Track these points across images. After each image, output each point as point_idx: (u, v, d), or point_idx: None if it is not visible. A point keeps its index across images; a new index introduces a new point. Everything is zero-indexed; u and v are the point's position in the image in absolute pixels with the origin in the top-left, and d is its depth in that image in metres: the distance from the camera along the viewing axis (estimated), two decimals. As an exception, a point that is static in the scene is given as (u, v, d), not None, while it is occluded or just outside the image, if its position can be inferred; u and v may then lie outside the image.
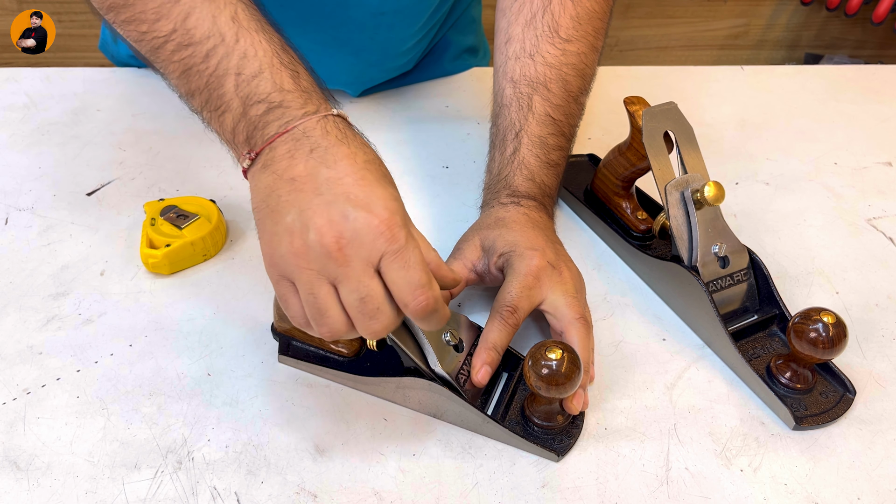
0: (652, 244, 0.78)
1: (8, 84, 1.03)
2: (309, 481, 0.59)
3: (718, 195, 0.68)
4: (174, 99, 1.01)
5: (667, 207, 0.70)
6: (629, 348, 0.70)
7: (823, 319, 0.60)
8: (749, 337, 0.70)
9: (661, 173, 0.71)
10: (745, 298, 0.71)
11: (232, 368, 0.68)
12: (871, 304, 0.75)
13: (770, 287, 0.70)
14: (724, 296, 0.70)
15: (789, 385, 0.65)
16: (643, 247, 0.77)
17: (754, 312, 0.71)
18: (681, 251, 0.70)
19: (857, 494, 0.59)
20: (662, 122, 0.71)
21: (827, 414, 0.64)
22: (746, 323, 0.70)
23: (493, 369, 0.62)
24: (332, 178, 0.51)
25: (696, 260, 0.69)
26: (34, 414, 0.64)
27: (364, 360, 0.67)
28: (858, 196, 0.89)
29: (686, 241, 0.70)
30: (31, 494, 0.58)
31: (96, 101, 1.00)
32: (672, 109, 0.71)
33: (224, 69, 0.55)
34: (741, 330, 0.69)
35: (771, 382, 0.65)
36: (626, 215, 0.79)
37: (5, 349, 0.69)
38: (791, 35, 2.21)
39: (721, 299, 0.69)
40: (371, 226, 0.50)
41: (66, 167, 0.90)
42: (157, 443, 0.62)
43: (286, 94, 0.55)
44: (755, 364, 0.67)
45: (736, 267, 0.70)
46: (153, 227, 0.76)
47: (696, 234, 0.69)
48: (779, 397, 0.63)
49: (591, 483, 0.59)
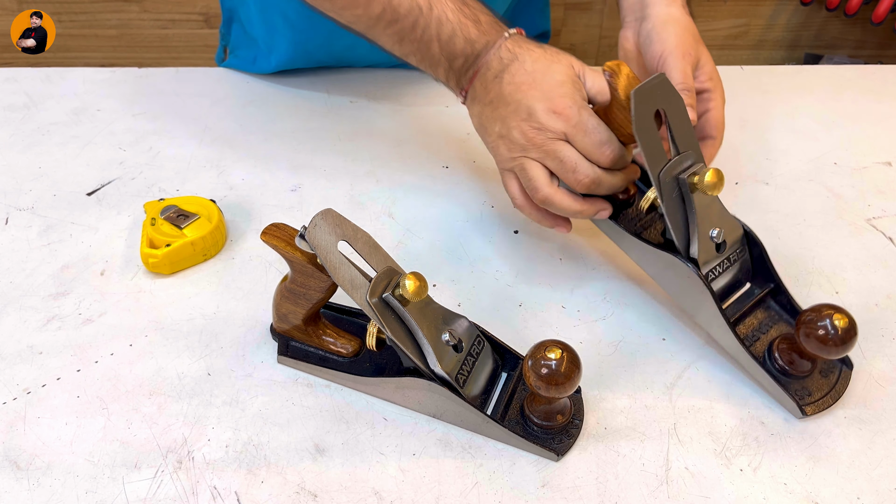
0: (645, 221, 0.74)
1: (8, 84, 1.03)
2: (309, 481, 0.59)
3: (718, 183, 0.64)
4: (174, 99, 1.02)
5: (661, 195, 0.65)
6: (629, 348, 0.70)
7: (835, 322, 0.59)
8: (748, 316, 0.69)
9: (653, 158, 0.64)
10: (739, 273, 0.69)
11: (232, 368, 0.68)
12: (871, 304, 0.75)
13: (765, 260, 0.69)
14: (722, 280, 0.68)
15: (790, 371, 0.64)
16: (636, 231, 0.73)
17: (747, 282, 0.70)
18: (676, 240, 0.67)
19: (857, 494, 0.59)
20: (653, 101, 0.64)
21: (829, 396, 0.63)
22: (745, 306, 0.68)
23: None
24: (512, 91, 0.69)
25: (694, 251, 0.66)
26: (34, 414, 0.64)
27: (363, 361, 0.67)
28: (858, 196, 0.89)
29: (682, 230, 0.66)
30: (31, 494, 0.58)
31: (96, 101, 1.01)
32: (662, 83, 0.64)
33: (428, 36, 0.72)
34: (739, 312, 0.68)
35: (773, 367, 0.64)
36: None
37: (5, 349, 0.69)
38: (791, 35, 2.20)
39: (719, 285, 0.68)
40: (548, 111, 0.67)
41: (66, 167, 0.90)
42: (158, 442, 0.62)
43: (473, 45, 0.71)
44: (756, 347, 0.66)
45: (732, 247, 0.68)
46: (153, 226, 0.76)
47: (693, 222, 0.66)
48: (782, 387, 0.63)
49: (591, 483, 0.59)
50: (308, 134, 0.98)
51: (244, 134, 0.97)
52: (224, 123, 0.99)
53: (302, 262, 0.61)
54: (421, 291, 0.58)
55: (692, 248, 0.67)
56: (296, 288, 0.64)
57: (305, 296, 0.64)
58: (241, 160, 0.92)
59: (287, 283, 0.64)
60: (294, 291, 0.64)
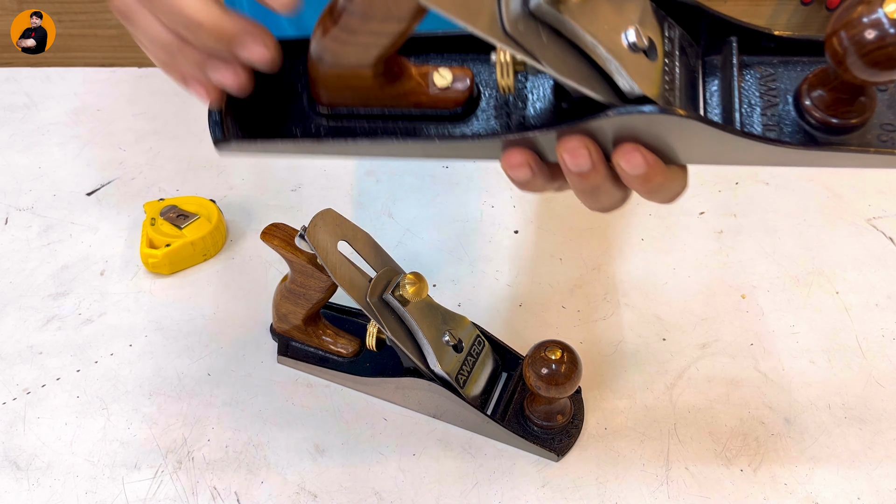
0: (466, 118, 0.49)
1: (8, 84, 1.03)
2: (309, 481, 0.59)
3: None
4: (174, 98, 1.02)
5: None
6: (629, 348, 0.70)
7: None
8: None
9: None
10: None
11: (232, 368, 0.68)
12: (871, 304, 0.75)
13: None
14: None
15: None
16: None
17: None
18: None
19: (857, 494, 0.59)
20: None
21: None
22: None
23: None
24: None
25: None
26: (34, 414, 0.64)
27: (363, 361, 0.67)
28: (858, 196, 0.89)
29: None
30: (31, 494, 0.58)
31: (96, 100, 1.00)
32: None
33: None
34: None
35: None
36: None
37: (5, 349, 0.69)
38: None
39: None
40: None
41: (66, 167, 0.90)
42: (157, 443, 0.62)
43: None
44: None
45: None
46: (153, 226, 0.76)
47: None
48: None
49: (591, 483, 0.59)
50: (308, 134, 0.97)
51: (244, 134, 0.97)
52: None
53: (302, 263, 0.61)
54: (421, 291, 0.58)
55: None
56: (295, 288, 0.63)
57: (305, 296, 0.63)
58: (241, 160, 0.92)
59: (287, 283, 0.64)
60: (294, 291, 0.64)
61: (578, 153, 0.42)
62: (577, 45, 0.40)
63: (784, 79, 0.44)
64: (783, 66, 0.45)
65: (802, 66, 0.45)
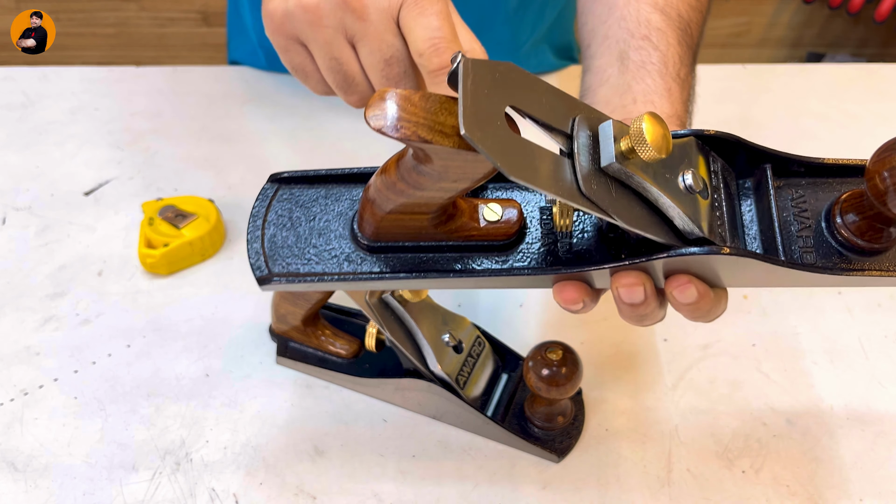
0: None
1: (5, 83, 1.03)
2: (308, 482, 0.59)
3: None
4: (173, 98, 1.01)
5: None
6: (630, 348, 0.70)
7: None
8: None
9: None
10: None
11: (230, 369, 0.67)
12: (872, 304, 0.74)
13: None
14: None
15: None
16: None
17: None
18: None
19: (860, 496, 0.59)
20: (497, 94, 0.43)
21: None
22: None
23: None
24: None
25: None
26: (31, 415, 0.63)
27: (363, 362, 0.66)
28: (860, 195, 0.88)
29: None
30: (28, 496, 0.58)
31: (94, 100, 1.00)
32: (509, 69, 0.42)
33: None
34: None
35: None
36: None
37: (2, 350, 0.68)
38: (793, 34, 2.20)
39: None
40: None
41: (63, 166, 0.89)
42: (156, 444, 0.61)
43: None
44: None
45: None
46: (151, 226, 0.76)
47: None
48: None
49: (592, 484, 0.59)
50: (307, 133, 0.97)
51: (242, 133, 0.97)
52: (222, 122, 0.98)
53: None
54: (420, 292, 0.58)
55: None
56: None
57: (304, 296, 0.63)
58: (240, 160, 0.91)
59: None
60: (293, 292, 0.63)
61: (635, 290, 0.45)
62: (640, 194, 0.42)
63: (812, 199, 0.48)
64: (811, 187, 0.48)
65: (829, 186, 0.48)
